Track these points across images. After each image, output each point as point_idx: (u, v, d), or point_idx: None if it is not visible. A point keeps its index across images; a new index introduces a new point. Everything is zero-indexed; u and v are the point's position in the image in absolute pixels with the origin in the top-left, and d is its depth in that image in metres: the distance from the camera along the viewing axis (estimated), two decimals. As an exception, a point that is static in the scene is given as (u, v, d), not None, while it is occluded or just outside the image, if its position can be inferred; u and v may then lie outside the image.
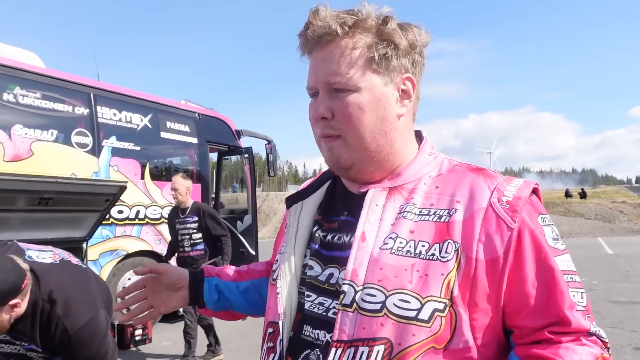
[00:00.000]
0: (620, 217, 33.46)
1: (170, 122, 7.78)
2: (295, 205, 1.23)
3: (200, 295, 1.34)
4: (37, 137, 5.91)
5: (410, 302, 0.92)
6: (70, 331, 2.16)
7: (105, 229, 6.60)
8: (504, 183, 1.01)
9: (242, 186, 36.23)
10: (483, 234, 0.94)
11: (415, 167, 1.08)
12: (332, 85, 1.02)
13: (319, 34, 1.01)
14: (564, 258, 0.98)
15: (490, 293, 0.93)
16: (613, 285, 10.57)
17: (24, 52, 7.06)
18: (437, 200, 1.01)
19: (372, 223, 1.02)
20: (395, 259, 0.96)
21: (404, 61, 1.04)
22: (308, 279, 1.09)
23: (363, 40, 1.02)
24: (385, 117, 1.04)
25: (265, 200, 41.80)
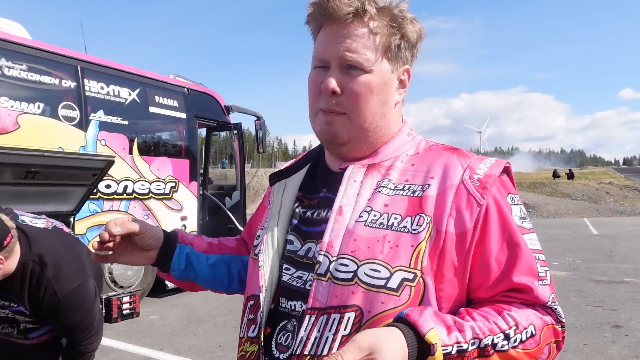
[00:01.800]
0: (607, 198, 33.78)
1: (159, 97, 7.72)
2: (279, 183, 1.26)
3: (169, 260, 1.30)
4: (24, 109, 5.84)
5: (380, 272, 0.96)
6: (59, 295, 2.17)
7: (92, 203, 6.58)
8: (476, 162, 1.05)
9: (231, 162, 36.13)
10: (454, 209, 0.99)
11: (393, 145, 1.13)
12: (348, 62, 1.04)
13: (344, 10, 1.03)
14: (530, 237, 1.02)
15: (457, 266, 0.98)
16: (596, 265, 10.74)
17: (9, 23, 6.93)
18: (412, 177, 1.06)
19: (349, 198, 1.06)
20: (369, 231, 1.00)
21: (407, 53, 1.11)
22: (287, 253, 1.13)
23: (385, 28, 1.06)
24: (386, 101, 1.10)
25: (255, 176, 41.76)
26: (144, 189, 7.34)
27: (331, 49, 1.06)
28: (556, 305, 1.00)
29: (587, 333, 5.85)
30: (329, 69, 1.06)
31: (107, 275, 6.97)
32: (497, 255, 0.98)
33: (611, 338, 5.66)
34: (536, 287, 0.97)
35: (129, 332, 6.15)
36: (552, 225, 21.53)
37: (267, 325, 1.10)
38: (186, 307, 7.33)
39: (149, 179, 7.41)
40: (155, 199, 7.51)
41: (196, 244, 1.37)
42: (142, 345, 5.65)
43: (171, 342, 5.73)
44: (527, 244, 1.00)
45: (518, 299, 0.98)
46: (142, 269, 7.44)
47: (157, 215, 7.54)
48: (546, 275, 1.00)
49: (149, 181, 7.40)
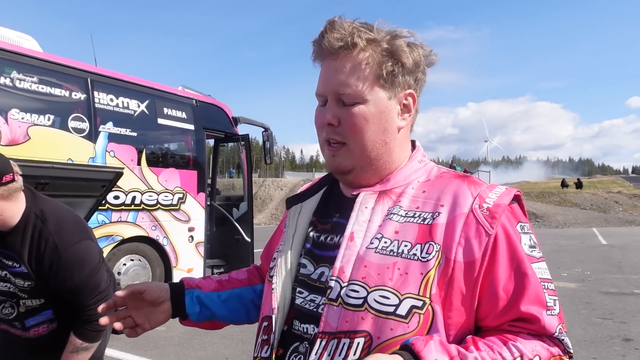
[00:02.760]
0: (616, 207, 33.53)
1: (168, 109, 7.77)
2: (294, 207, 1.31)
3: (183, 307, 1.35)
4: (34, 121, 5.89)
5: (389, 298, 0.98)
6: (60, 249, 2.11)
7: (101, 214, 6.61)
8: (486, 190, 1.07)
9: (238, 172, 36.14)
10: (463, 238, 1.00)
11: (405, 172, 1.16)
12: (342, 96, 1.09)
13: (335, 46, 1.08)
14: (539, 265, 1.03)
15: (465, 294, 0.99)
16: (605, 276, 10.67)
17: (21, 36, 7.02)
18: (423, 204, 1.08)
19: (360, 224, 1.09)
20: (379, 258, 1.02)
21: (408, 78, 1.13)
22: (301, 277, 1.16)
23: (374, 57, 1.09)
24: (386, 129, 1.12)
25: (262, 186, 41.78)
26: (152, 200, 7.37)
27: (326, 84, 1.12)
28: (564, 336, 1.01)
29: (597, 346, 5.80)
30: (326, 103, 1.12)
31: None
32: (505, 284, 0.99)
33: (621, 352, 5.61)
34: (543, 318, 0.98)
35: (136, 343, 6.15)
36: (561, 235, 21.41)
37: (279, 347, 1.13)
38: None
39: (157, 190, 7.44)
40: (163, 210, 7.54)
41: (204, 285, 1.41)
42: (148, 357, 5.66)
43: (178, 354, 5.74)
44: (535, 273, 1.00)
45: (525, 329, 0.99)
46: (149, 279, 7.44)
47: (164, 226, 7.56)
48: (555, 305, 1.01)
49: (157, 192, 7.43)
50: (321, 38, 1.10)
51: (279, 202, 37.54)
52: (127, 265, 7.13)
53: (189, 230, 7.97)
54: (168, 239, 7.63)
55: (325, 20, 1.11)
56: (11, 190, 2.08)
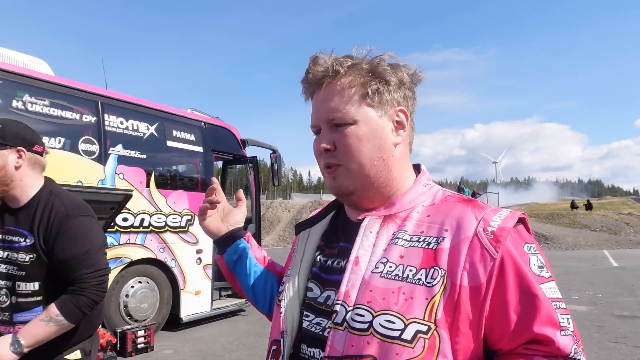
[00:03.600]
0: (627, 229, 33.20)
1: (176, 131, 7.84)
2: (303, 232, 1.33)
3: (227, 245, 1.48)
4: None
5: (394, 323, 0.98)
6: (69, 216, 2.17)
7: (109, 236, 6.63)
8: (490, 213, 1.07)
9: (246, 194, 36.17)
10: (468, 262, 1.00)
11: (410, 196, 1.17)
12: (332, 121, 1.14)
13: (319, 77, 1.14)
14: (549, 285, 1.02)
15: (472, 319, 0.98)
16: (617, 299, 10.52)
17: (33, 60, 7.14)
18: (428, 228, 1.08)
19: (365, 248, 1.10)
20: (385, 282, 1.03)
21: (395, 95, 1.16)
22: (308, 300, 1.18)
23: (357, 79, 1.13)
24: (382, 146, 1.14)
25: (270, 207, 41.79)
26: (161, 222, 7.39)
27: (317, 113, 1.17)
28: (580, 355, 0.99)
29: (610, 371, 5.69)
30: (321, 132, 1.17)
31: (122, 309, 6.98)
32: (515, 306, 0.98)
33: (635, 377, 5.50)
34: (557, 339, 0.97)
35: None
36: (571, 257, 21.19)
37: None
38: (200, 341, 7.28)
39: (166, 212, 7.47)
40: (172, 231, 7.56)
41: (255, 249, 1.51)
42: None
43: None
44: (545, 293, 1.00)
45: (540, 351, 0.98)
46: (157, 303, 7.44)
47: (172, 248, 7.57)
48: (568, 324, 1.00)
49: (165, 214, 7.45)
50: (307, 74, 1.16)
51: (286, 223, 37.48)
52: (135, 288, 7.13)
53: (197, 252, 7.97)
54: (176, 261, 7.63)
55: (309, 58, 1.17)
56: (37, 161, 2.26)
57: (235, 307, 8.97)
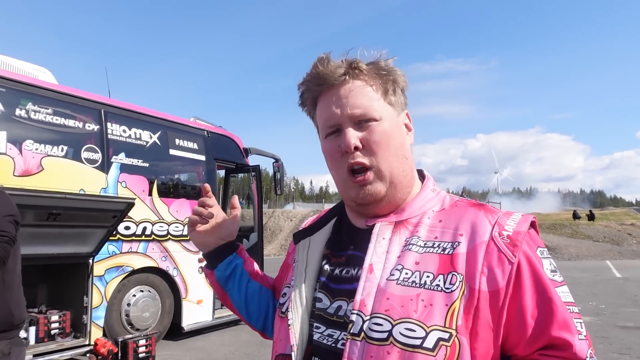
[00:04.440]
0: (629, 239, 33.05)
1: (179, 140, 7.85)
2: (303, 241, 1.28)
3: (219, 260, 1.39)
4: (48, 152, 5.96)
5: (415, 331, 0.95)
6: None
7: (111, 244, 6.63)
8: (504, 217, 1.06)
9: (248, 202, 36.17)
10: (485, 267, 0.99)
11: (419, 202, 1.15)
12: (357, 117, 1.10)
13: (337, 73, 1.11)
14: (562, 289, 1.01)
15: (491, 324, 0.97)
16: (621, 310, 10.46)
17: (37, 68, 7.17)
18: (441, 234, 1.06)
19: (379, 255, 1.07)
20: (402, 290, 1.00)
21: (401, 99, 1.17)
22: (317, 311, 1.13)
23: (376, 79, 1.13)
24: (403, 143, 1.15)
25: (272, 217, 41.78)
26: (163, 231, 7.38)
27: (338, 111, 1.11)
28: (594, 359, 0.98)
29: (615, 383, 5.64)
30: (341, 131, 1.12)
31: (123, 318, 6.95)
32: (532, 311, 0.97)
33: (640, 388, 5.45)
34: (575, 343, 0.96)
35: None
36: (574, 267, 21.10)
37: None
38: (202, 350, 7.25)
39: (168, 221, 7.46)
40: (174, 240, 7.54)
41: (248, 263, 1.43)
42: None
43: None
44: (560, 297, 0.99)
45: (556, 357, 0.96)
46: (158, 312, 7.41)
47: (174, 257, 7.55)
48: (582, 328, 0.99)
49: (167, 223, 7.44)
50: (316, 74, 1.13)
51: (288, 232, 37.40)
52: (137, 297, 7.11)
53: (199, 261, 7.93)
54: (178, 269, 7.61)
55: (316, 59, 1.14)
56: None
57: (237, 316, 8.89)
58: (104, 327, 6.62)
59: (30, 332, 5.85)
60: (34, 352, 5.74)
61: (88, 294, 6.31)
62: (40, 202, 5.38)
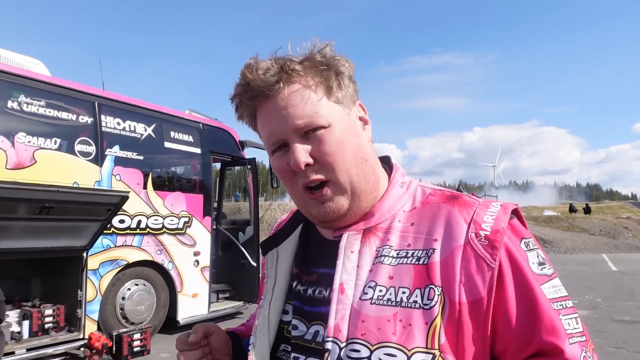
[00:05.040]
0: (625, 233, 33.15)
1: (174, 132, 7.78)
2: (271, 253, 1.17)
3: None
4: (40, 145, 5.89)
5: (396, 356, 0.87)
6: None
7: (105, 238, 6.57)
8: (480, 212, 0.95)
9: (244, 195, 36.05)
10: (463, 275, 0.89)
11: (388, 202, 1.04)
12: (303, 129, 0.96)
13: (267, 86, 0.96)
14: (552, 284, 0.93)
15: (475, 336, 0.89)
16: (617, 304, 10.47)
17: (30, 60, 7.08)
18: (414, 240, 0.96)
19: (349, 272, 0.97)
20: (377, 310, 0.91)
21: (350, 90, 1.03)
22: (294, 340, 1.03)
23: (315, 77, 0.98)
24: (360, 144, 1.01)
25: (268, 210, 41.72)
26: (158, 224, 7.32)
27: (278, 125, 0.97)
28: (590, 358, 0.89)
29: (611, 377, 5.63)
30: (288, 146, 0.98)
31: (118, 312, 6.91)
32: (517, 316, 0.89)
33: (637, 383, 5.44)
34: (566, 348, 0.87)
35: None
36: (570, 261, 21.13)
37: None
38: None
39: (163, 214, 7.40)
40: (169, 234, 7.49)
41: (243, 333, 1.27)
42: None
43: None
44: (546, 296, 0.90)
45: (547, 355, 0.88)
46: (154, 305, 7.36)
47: (170, 250, 7.50)
48: (577, 324, 0.91)
49: (162, 216, 7.38)
50: (246, 85, 0.97)
51: (285, 226, 37.27)
52: (132, 290, 7.06)
53: (195, 255, 7.91)
54: (173, 263, 7.56)
55: (242, 66, 0.98)
56: None
57: (233, 309, 8.90)
58: (99, 321, 6.57)
59: (23, 326, 5.80)
60: (28, 346, 5.69)
61: (82, 287, 6.25)
62: (32, 196, 5.30)
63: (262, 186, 67.59)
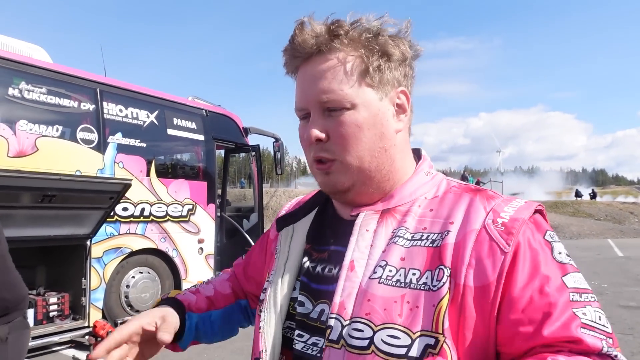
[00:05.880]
0: (631, 218, 33.10)
1: (177, 119, 7.71)
2: (286, 229, 1.14)
3: (180, 335, 1.17)
4: (42, 132, 5.85)
5: (399, 338, 0.83)
6: None
7: (109, 226, 6.55)
8: (501, 204, 0.91)
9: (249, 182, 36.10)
10: (474, 258, 0.85)
11: (410, 187, 1.01)
12: (325, 104, 0.95)
13: (307, 48, 0.95)
14: (575, 277, 0.87)
15: (478, 324, 0.83)
16: (623, 289, 10.42)
17: (31, 47, 7.01)
18: (431, 224, 0.93)
19: (362, 250, 0.94)
20: (384, 290, 0.88)
21: (396, 74, 0.98)
22: (299, 317, 1.00)
23: (354, 52, 0.95)
24: (383, 134, 0.97)
25: (273, 196, 41.77)
26: (161, 212, 7.29)
27: (306, 94, 0.97)
28: (614, 351, 0.79)
29: (618, 364, 5.59)
30: (310, 115, 0.98)
31: (122, 299, 6.90)
32: (528, 304, 0.82)
33: (644, 370, 5.41)
34: (587, 335, 0.79)
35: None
36: (576, 246, 21.08)
37: None
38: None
39: (167, 202, 7.37)
40: (173, 221, 7.46)
41: (197, 306, 1.23)
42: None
43: (186, 369, 5.61)
44: (569, 283, 0.84)
45: (565, 346, 0.79)
46: (158, 293, 7.36)
47: (174, 238, 7.48)
48: (601, 322, 0.83)
49: (166, 204, 7.35)
50: (291, 43, 0.97)
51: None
52: (136, 278, 7.05)
53: (199, 242, 7.89)
54: (177, 251, 7.55)
55: (294, 22, 0.97)
56: None
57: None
58: (103, 309, 6.58)
59: (28, 315, 5.80)
60: (33, 335, 5.69)
61: (86, 275, 6.26)
62: (35, 184, 5.28)
63: (268, 173, 67.71)
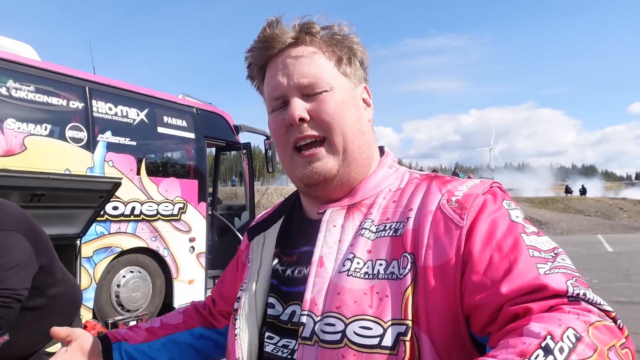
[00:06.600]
0: (620, 214, 33.34)
1: (168, 117, 7.66)
2: (257, 237, 1.15)
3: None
4: (31, 131, 5.78)
5: (371, 329, 0.83)
6: None
7: (99, 225, 6.49)
8: (456, 185, 0.94)
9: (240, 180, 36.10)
10: (432, 239, 0.86)
11: (374, 180, 1.03)
12: (305, 89, 0.98)
13: (281, 41, 1.00)
14: (537, 237, 0.85)
15: (443, 302, 0.82)
16: (613, 285, 10.50)
17: (18, 44, 6.93)
18: (393, 214, 0.95)
19: (330, 246, 0.95)
20: (353, 282, 0.88)
21: (361, 72, 1.07)
22: (269, 319, 1.00)
23: (326, 48, 1.01)
24: (360, 117, 1.03)
25: (265, 194, 41.69)
26: (152, 210, 7.24)
27: (284, 80, 0.99)
28: (581, 289, 0.73)
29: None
30: (288, 104, 0.99)
31: (113, 299, 6.85)
32: (488, 266, 0.80)
33: (634, 364, 5.44)
34: (552, 279, 0.74)
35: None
36: (566, 242, 21.20)
37: None
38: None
39: (157, 200, 7.32)
40: (164, 220, 7.41)
41: (132, 337, 1.26)
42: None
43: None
44: (527, 241, 0.82)
45: (530, 298, 0.74)
46: (149, 292, 7.32)
47: (165, 236, 7.44)
48: (562, 262, 0.79)
49: (157, 202, 7.30)
50: (263, 37, 1.01)
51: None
52: (127, 277, 7.00)
53: (190, 241, 7.85)
54: (168, 249, 7.50)
55: (265, 21, 1.02)
56: None
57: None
58: (94, 309, 6.53)
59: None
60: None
61: (76, 275, 6.18)
62: (23, 183, 5.21)
63: (259, 170, 67.45)
